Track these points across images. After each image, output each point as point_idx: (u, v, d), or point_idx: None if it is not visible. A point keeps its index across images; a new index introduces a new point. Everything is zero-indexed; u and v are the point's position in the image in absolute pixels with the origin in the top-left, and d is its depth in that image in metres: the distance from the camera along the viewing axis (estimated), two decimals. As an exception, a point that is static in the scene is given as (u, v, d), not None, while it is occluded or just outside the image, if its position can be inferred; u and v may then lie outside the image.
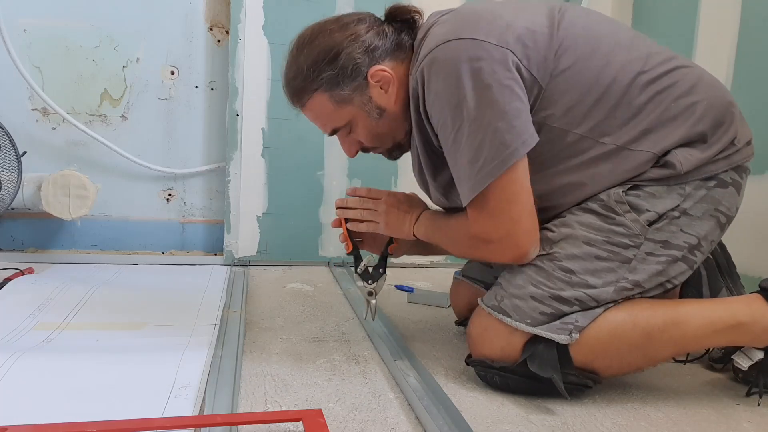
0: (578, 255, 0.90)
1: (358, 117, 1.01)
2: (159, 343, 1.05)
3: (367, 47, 0.96)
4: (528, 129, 0.87)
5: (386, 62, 0.98)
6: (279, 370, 0.99)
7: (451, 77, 0.87)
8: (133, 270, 1.64)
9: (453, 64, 0.87)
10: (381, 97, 0.99)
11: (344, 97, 0.98)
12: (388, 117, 1.00)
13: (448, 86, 0.87)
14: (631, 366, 0.94)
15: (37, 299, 1.27)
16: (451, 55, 0.87)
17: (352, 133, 1.04)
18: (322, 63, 0.96)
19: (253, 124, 1.76)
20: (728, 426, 0.87)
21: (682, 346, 0.93)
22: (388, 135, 1.03)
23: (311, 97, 1.00)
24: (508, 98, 0.86)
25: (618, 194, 0.90)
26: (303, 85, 0.99)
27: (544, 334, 0.88)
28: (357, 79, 0.97)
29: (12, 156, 1.52)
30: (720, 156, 0.91)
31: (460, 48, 0.87)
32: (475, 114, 0.86)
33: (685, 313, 0.91)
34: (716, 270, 1.07)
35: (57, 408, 0.78)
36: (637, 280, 0.90)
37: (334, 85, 0.97)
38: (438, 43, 0.89)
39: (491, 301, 0.94)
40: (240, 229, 1.78)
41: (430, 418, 0.80)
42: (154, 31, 1.75)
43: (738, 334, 0.92)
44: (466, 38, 0.87)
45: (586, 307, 0.89)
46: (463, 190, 0.90)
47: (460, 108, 0.86)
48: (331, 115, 1.01)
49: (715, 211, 0.92)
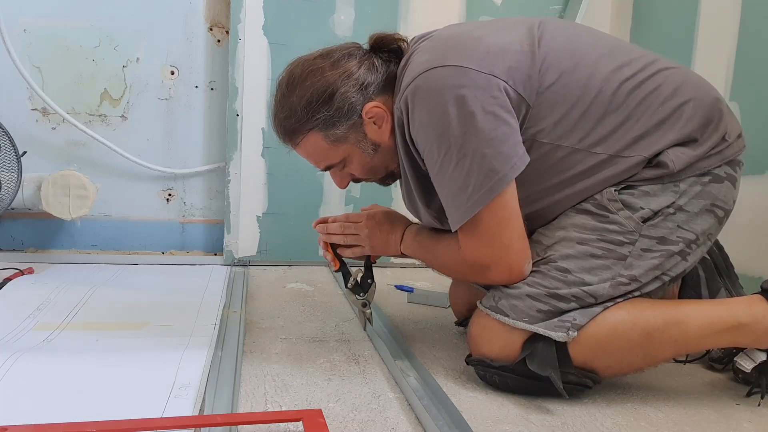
0: (573, 255, 0.90)
1: (353, 154, 1.01)
2: (159, 343, 1.05)
3: (360, 84, 0.96)
4: (517, 152, 0.87)
5: (378, 97, 0.98)
6: (279, 370, 0.99)
7: (435, 106, 0.87)
8: (133, 270, 1.64)
9: (436, 93, 0.87)
10: (375, 133, 0.99)
11: (339, 136, 0.98)
12: (382, 152, 1.01)
13: (432, 115, 0.88)
14: (631, 366, 0.93)
15: (37, 299, 1.27)
16: (434, 84, 0.87)
17: (345, 168, 1.05)
18: (316, 104, 0.96)
19: (253, 124, 1.76)
20: (728, 426, 0.87)
21: (682, 346, 0.93)
22: (381, 167, 1.04)
23: (305, 137, 1.00)
24: (492, 124, 0.86)
25: (611, 193, 0.91)
26: (296, 126, 0.99)
27: (542, 331, 0.88)
28: (352, 117, 0.97)
29: (12, 156, 1.52)
30: (712, 152, 0.92)
31: (442, 76, 0.87)
32: (461, 142, 0.86)
33: (685, 313, 0.91)
34: (714, 271, 1.07)
35: (57, 408, 0.78)
36: (633, 274, 0.90)
37: (329, 125, 0.97)
38: (420, 72, 0.89)
39: (489, 302, 0.94)
40: (240, 229, 1.78)
41: (430, 418, 0.80)
42: (154, 31, 1.75)
43: (739, 335, 0.92)
44: (447, 65, 0.87)
45: (584, 304, 0.89)
46: (453, 218, 0.91)
47: (445, 136, 0.87)
48: (326, 153, 1.01)
49: (712, 206, 0.92)
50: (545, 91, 0.90)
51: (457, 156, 0.87)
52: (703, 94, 0.94)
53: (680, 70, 0.96)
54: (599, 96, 0.91)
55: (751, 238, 1.37)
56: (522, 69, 0.89)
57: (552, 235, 0.93)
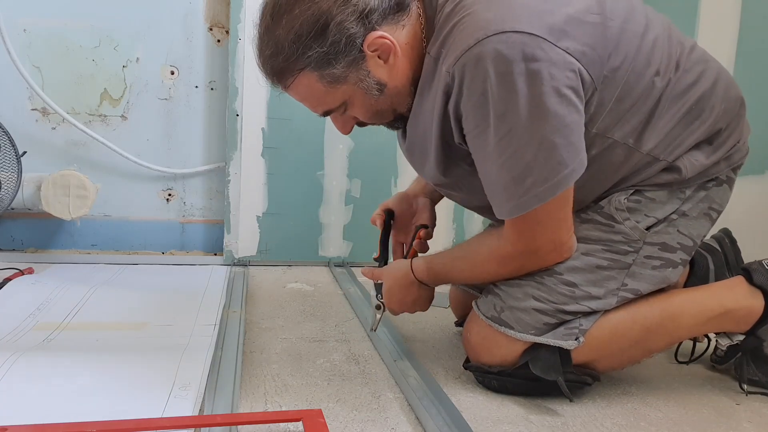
0: (579, 267, 0.88)
1: (354, 96, 0.87)
2: (159, 343, 1.05)
3: (361, 11, 0.79)
4: (583, 146, 0.79)
5: (384, 27, 0.82)
6: (279, 370, 0.99)
7: (501, 79, 0.74)
8: (133, 270, 1.63)
9: (504, 64, 0.74)
10: (380, 70, 0.84)
11: (337, 75, 0.83)
12: (389, 92, 0.87)
13: (495, 89, 0.75)
14: (631, 359, 0.95)
15: (37, 299, 1.27)
16: (505, 52, 0.74)
17: (347, 112, 0.91)
18: (307, 38, 0.79)
19: (253, 124, 1.75)
20: (728, 426, 0.87)
21: (676, 337, 0.96)
22: (388, 110, 0.91)
23: (296, 78, 0.85)
24: (565, 110, 0.75)
25: (619, 202, 0.89)
26: (285, 65, 0.83)
27: (552, 342, 0.88)
28: (351, 53, 0.81)
29: (12, 156, 1.51)
30: (724, 158, 0.91)
31: (514, 43, 0.74)
32: (526, 124, 0.75)
33: (678, 305, 0.93)
34: (724, 265, 1.08)
35: (57, 408, 0.78)
36: (638, 289, 0.90)
37: (324, 63, 0.81)
38: (486, 35, 0.75)
39: (490, 311, 0.92)
40: (240, 229, 1.78)
41: (430, 418, 0.80)
42: (153, 31, 1.75)
43: (725, 320, 0.95)
44: (520, 32, 0.74)
45: (588, 314, 0.90)
46: (502, 208, 0.82)
47: (508, 116, 0.75)
48: (322, 97, 0.87)
49: (709, 209, 0.93)
50: (611, 74, 0.80)
51: (519, 140, 0.76)
52: (732, 96, 0.91)
53: (714, 64, 0.92)
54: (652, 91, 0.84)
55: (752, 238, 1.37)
56: (595, 46, 0.78)
57: None
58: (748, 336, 0.96)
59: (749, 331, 0.95)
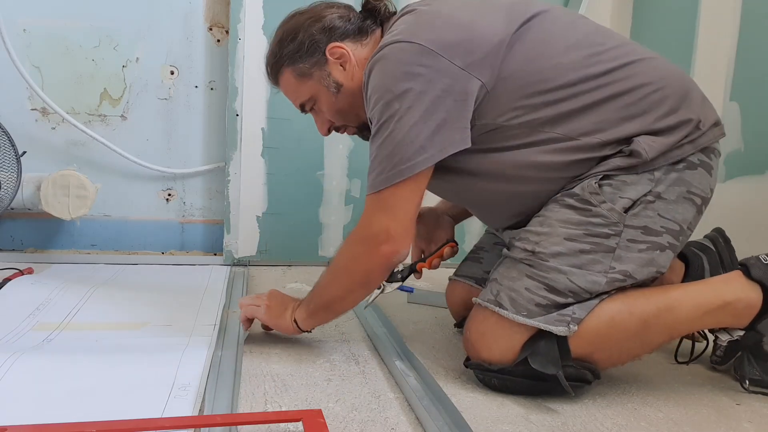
0: (563, 252, 0.91)
1: (319, 92, 1.06)
2: (159, 343, 1.05)
3: (325, 27, 1.03)
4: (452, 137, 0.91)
5: (346, 42, 1.03)
6: (279, 370, 0.99)
7: (390, 76, 0.91)
8: (133, 270, 1.63)
9: (395, 64, 0.91)
10: (339, 74, 1.04)
11: (304, 71, 1.05)
12: (345, 93, 1.04)
13: (385, 83, 0.92)
14: (630, 354, 0.95)
15: (36, 299, 1.27)
16: (398, 56, 0.91)
17: (316, 107, 1.09)
18: (285, 41, 1.05)
19: (253, 124, 1.75)
20: (728, 426, 0.87)
21: (675, 331, 0.95)
22: (350, 112, 1.07)
23: (281, 74, 1.08)
24: (440, 106, 0.89)
25: (591, 186, 0.91)
26: (273, 62, 1.08)
27: (542, 326, 0.89)
28: (315, 54, 1.03)
29: (11, 156, 1.51)
30: (685, 141, 0.93)
31: (405, 51, 0.91)
32: (402, 114, 0.90)
33: (675, 298, 0.94)
34: (719, 265, 1.08)
35: (57, 408, 0.78)
36: (626, 270, 0.91)
37: (295, 59, 1.04)
38: (389, 42, 0.93)
39: (487, 295, 0.95)
40: (240, 229, 1.78)
41: (430, 418, 0.80)
42: (153, 31, 1.75)
43: (724, 313, 0.95)
44: (413, 42, 0.90)
45: (580, 299, 0.90)
46: (375, 180, 0.94)
47: (391, 105, 0.91)
48: (296, 89, 1.08)
49: (688, 193, 0.93)
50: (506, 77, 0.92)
51: (395, 125, 0.91)
52: (674, 83, 0.95)
53: (655, 61, 0.97)
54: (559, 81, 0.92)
55: (752, 238, 1.37)
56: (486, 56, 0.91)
57: (539, 231, 0.94)
58: (748, 331, 0.96)
59: (749, 326, 0.95)
